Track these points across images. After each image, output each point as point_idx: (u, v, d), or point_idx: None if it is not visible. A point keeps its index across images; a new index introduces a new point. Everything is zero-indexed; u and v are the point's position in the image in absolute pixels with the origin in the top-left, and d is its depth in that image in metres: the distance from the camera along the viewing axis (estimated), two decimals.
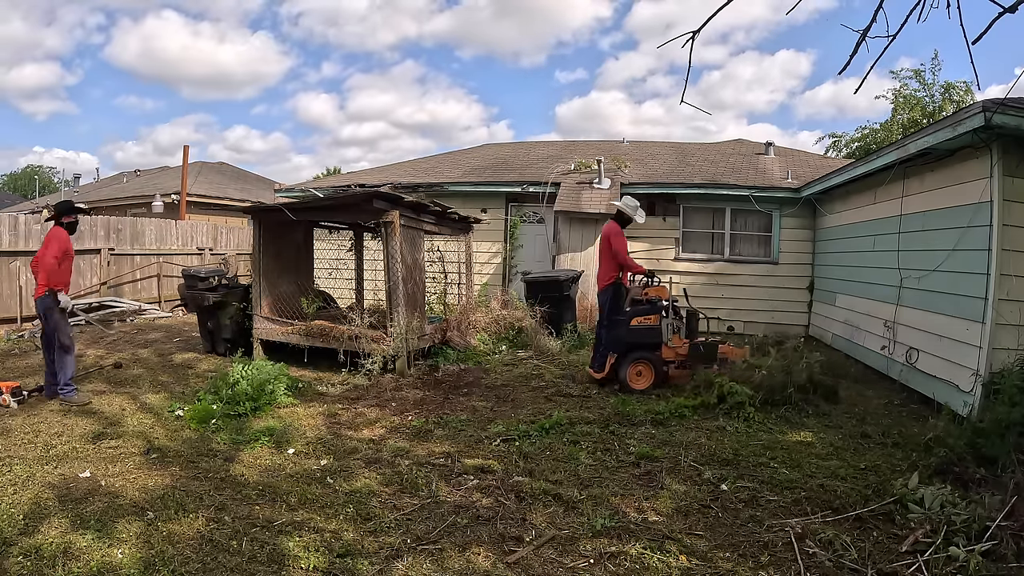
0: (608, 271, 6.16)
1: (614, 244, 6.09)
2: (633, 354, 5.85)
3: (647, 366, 5.88)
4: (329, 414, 5.10)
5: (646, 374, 5.89)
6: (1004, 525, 2.87)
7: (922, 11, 1.99)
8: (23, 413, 4.80)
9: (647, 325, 5.84)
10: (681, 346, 5.89)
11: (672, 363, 5.95)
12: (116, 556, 2.73)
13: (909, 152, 5.81)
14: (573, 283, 8.90)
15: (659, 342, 5.86)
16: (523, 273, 9.92)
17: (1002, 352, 4.61)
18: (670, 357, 5.91)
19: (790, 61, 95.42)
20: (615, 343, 5.91)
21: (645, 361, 5.87)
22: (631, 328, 5.85)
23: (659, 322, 5.83)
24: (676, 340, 5.89)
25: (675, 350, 5.89)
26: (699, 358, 5.91)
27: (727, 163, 12.25)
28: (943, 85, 18.24)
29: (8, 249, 9.01)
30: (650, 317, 5.85)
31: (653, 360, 5.87)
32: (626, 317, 5.91)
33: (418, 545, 2.93)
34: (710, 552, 2.90)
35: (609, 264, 6.15)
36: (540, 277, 8.97)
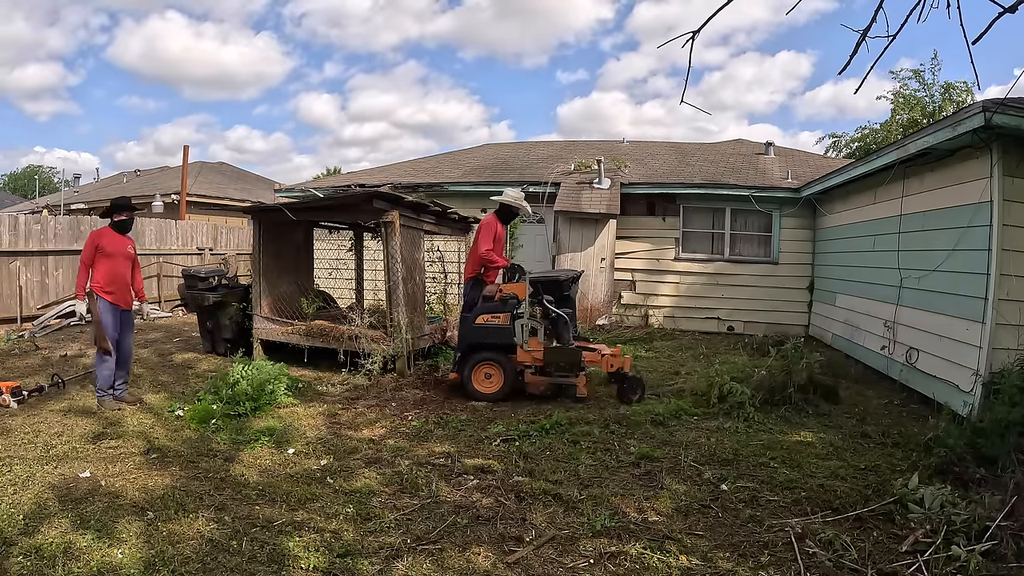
0: (472, 264, 6.00)
1: (478, 237, 5.91)
2: (479, 355, 5.49)
3: (496, 369, 5.49)
4: (329, 414, 5.10)
5: (496, 378, 5.50)
6: (1004, 525, 2.87)
7: (922, 11, 1.99)
8: (23, 413, 4.79)
9: (496, 324, 5.42)
10: (537, 350, 5.43)
11: (528, 368, 5.49)
12: (116, 556, 2.73)
13: (909, 152, 5.81)
14: (573, 283, 8.89)
15: (510, 343, 5.42)
16: None
17: (1002, 352, 4.61)
18: (526, 361, 5.46)
19: (790, 62, 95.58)
20: (460, 341, 5.63)
21: (493, 363, 5.48)
22: (475, 326, 5.49)
23: (509, 322, 5.40)
24: (534, 343, 5.44)
25: (531, 354, 5.43)
26: (559, 364, 5.43)
27: (727, 163, 12.25)
28: (943, 85, 18.25)
29: (8, 249, 9.00)
30: (499, 316, 5.43)
31: (503, 363, 5.45)
32: (473, 314, 5.59)
33: (418, 545, 2.93)
34: (710, 552, 2.90)
35: (474, 257, 5.98)
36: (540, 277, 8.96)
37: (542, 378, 5.48)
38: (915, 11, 2.00)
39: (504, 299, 5.50)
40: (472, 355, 5.51)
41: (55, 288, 9.71)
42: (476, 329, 5.48)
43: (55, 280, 9.72)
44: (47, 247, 9.59)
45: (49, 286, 9.62)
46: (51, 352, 7.29)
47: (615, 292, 10.70)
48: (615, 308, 10.71)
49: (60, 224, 9.97)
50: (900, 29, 2.01)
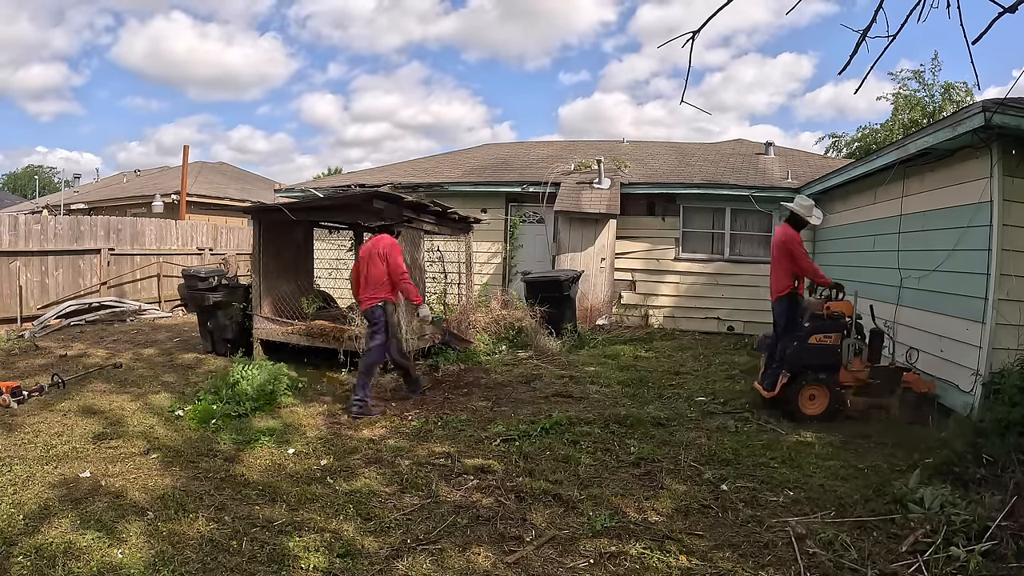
0: (783, 279, 5.52)
1: (794, 252, 5.45)
2: (807, 376, 5.18)
3: (821, 390, 5.19)
4: (329, 414, 5.10)
5: (820, 399, 5.18)
6: (1004, 525, 2.87)
7: (922, 11, 2.00)
8: (23, 413, 4.80)
9: (826, 344, 5.17)
10: (861, 370, 5.19)
11: (850, 388, 5.24)
12: (116, 556, 2.73)
13: (909, 152, 5.81)
14: (573, 283, 8.90)
15: (837, 364, 5.18)
16: (523, 273, 9.91)
17: (1002, 352, 4.61)
18: (848, 382, 5.21)
19: (791, 64, 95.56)
20: (789, 361, 5.22)
21: (819, 384, 5.19)
22: (808, 347, 5.18)
23: (839, 341, 5.17)
24: (856, 363, 5.18)
25: (854, 374, 5.19)
26: (879, 386, 5.22)
27: (727, 163, 12.25)
28: (943, 85, 18.25)
29: (8, 249, 9.00)
30: (830, 335, 5.18)
31: (829, 384, 5.17)
32: (804, 333, 5.26)
33: (418, 545, 2.93)
34: (710, 552, 2.90)
35: (784, 272, 5.51)
36: (540, 277, 8.97)
37: (864, 399, 5.23)
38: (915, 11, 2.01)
39: (833, 317, 5.26)
40: (801, 376, 5.18)
41: (55, 288, 9.70)
42: (809, 350, 5.17)
43: (55, 280, 9.72)
44: (47, 247, 9.58)
45: (49, 286, 9.62)
46: (51, 352, 7.29)
47: (615, 292, 10.70)
48: (615, 308, 10.71)
49: (60, 224, 9.97)
50: (900, 29, 2.02)
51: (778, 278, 5.55)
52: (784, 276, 5.52)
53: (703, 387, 6.27)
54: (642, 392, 6.00)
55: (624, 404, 5.57)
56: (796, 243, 5.50)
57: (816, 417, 5.08)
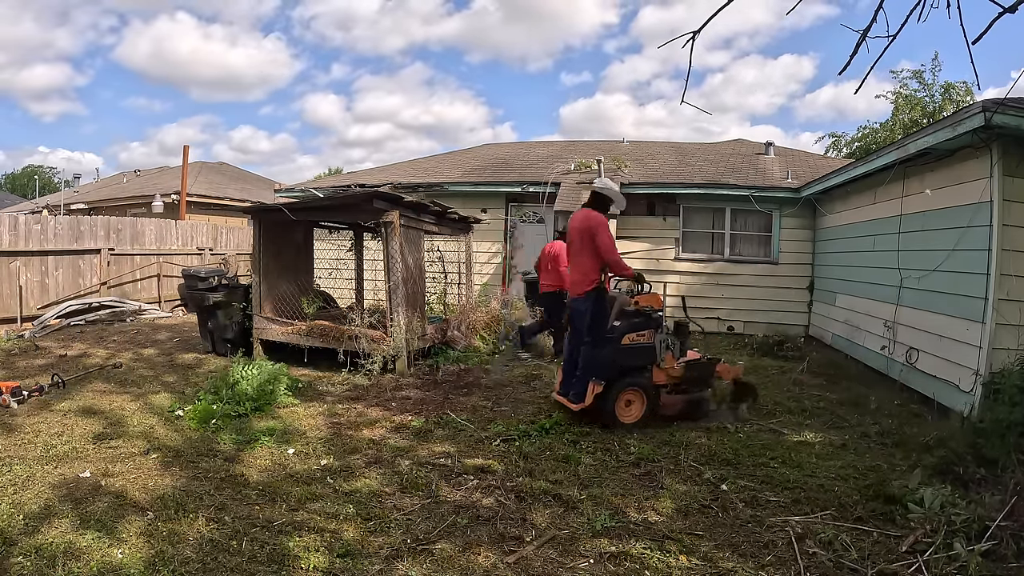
0: (588, 272, 4.83)
1: (600, 238, 4.75)
2: (623, 380, 4.70)
3: (638, 394, 4.76)
4: (329, 414, 5.10)
5: (636, 404, 4.78)
6: (1004, 525, 2.87)
7: (922, 11, 2.00)
8: (23, 413, 4.80)
9: (640, 344, 4.72)
10: (674, 367, 4.82)
11: (664, 388, 4.86)
12: (116, 556, 2.73)
13: (909, 152, 5.81)
14: None
15: (651, 364, 4.80)
16: (523, 273, 9.90)
17: (1002, 352, 4.61)
18: (662, 381, 4.83)
19: (791, 65, 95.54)
20: (602, 367, 4.64)
21: (635, 389, 4.75)
22: (622, 348, 4.67)
23: (653, 339, 4.76)
24: (669, 360, 4.83)
25: (667, 372, 4.80)
26: (694, 381, 4.88)
27: (727, 163, 12.25)
28: (943, 85, 18.27)
29: (8, 249, 9.00)
30: (643, 333, 4.73)
31: (644, 386, 4.75)
32: (616, 335, 4.69)
33: (418, 545, 2.93)
34: (710, 552, 2.90)
35: (589, 263, 4.83)
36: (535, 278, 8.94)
37: (679, 398, 4.89)
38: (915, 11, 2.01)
39: (645, 312, 4.79)
40: (618, 382, 4.68)
41: (55, 288, 9.71)
42: (623, 351, 4.67)
43: (55, 280, 9.72)
44: (47, 247, 9.59)
45: (49, 286, 9.62)
46: (51, 352, 7.29)
47: None
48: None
49: (60, 224, 9.97)
50: (900, 29, 2.02)
51: (583, 271, 4.83)
52: (590, 268, 4.80)
53: None
54: None
55: None
56: (603, 228, 4.79)
57: (633, 425, 4.68)
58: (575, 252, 4.92)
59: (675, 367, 4.83)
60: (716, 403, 5.13)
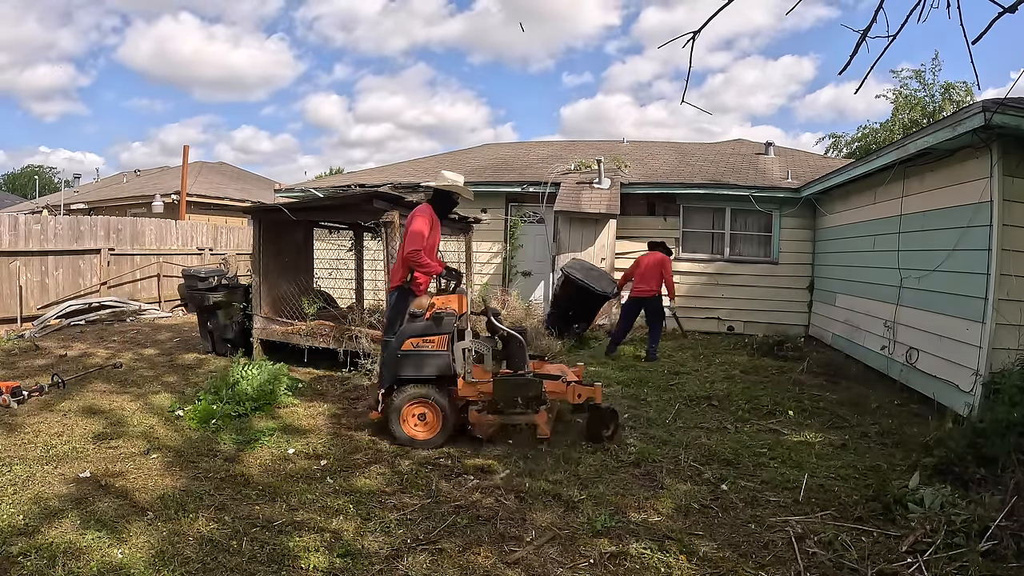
0: (398, 268, 4.69)
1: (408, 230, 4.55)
2: (408, 391, 4.27)
3: (432, 408, 4.26)
4: (330, 414, 5.10)
5: (431, 418, 4.27)
6: (1004, 525, 2.87)
7: (922, 11, 2.00)
8: (23, 413, 4.80)
9: (425, 351, 4.24)
10: (485, 381, 4.26)
11: (474, 404, 4.31)
12: (117, 556, 2.73)
13: (909, 152, 5.81)
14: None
15: (446, 375, 4.26)
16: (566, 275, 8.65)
17: (1002, 352, 4.61)
18: (470, 396, 4.28)
19: (792, 66, 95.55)
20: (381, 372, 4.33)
21: (426, 401, 4.26)
22: (401, 355, 4.25)
23: (448, 346, 4.24)
24: (478, 373, 4.33)
25: (476, 386, 4.26)
26: (512, 399, 4.17)
27: (727, 163, 12.25)
28: (943, 85, 18.25)
29: (8, 249, 9.01)
30: (431, 339, 4.23)
31: (439, 400, 4.24)
32: (397, 339, 4.32)
33: (418, 545, 2.93)
34: (711, 552, 2.90)
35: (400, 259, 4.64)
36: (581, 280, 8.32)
37: (493, 417, 4.27)
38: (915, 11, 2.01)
39: (437, 316, 4.29)
40: (401, 391, 4.29)
41: (55, 288, 9.71)
42: (405, 358, 4.25)
43: (55, 280, 9.72)
44: (47, 247, 9.59)
45: (49, 286, 9.63)
46: (51, 352, 7.29)
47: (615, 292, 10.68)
48: (615, 308, 10.70)
49: (60, 224, 9.97)
50: (900, 29, 2.02)
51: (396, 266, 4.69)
52: (400, 264, 4.61)
53: (703, 387, 6.26)
54: (642, 392, 6.00)
55: (624, 404, 5.57)
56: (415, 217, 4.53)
57: (428, 442, 4.22)
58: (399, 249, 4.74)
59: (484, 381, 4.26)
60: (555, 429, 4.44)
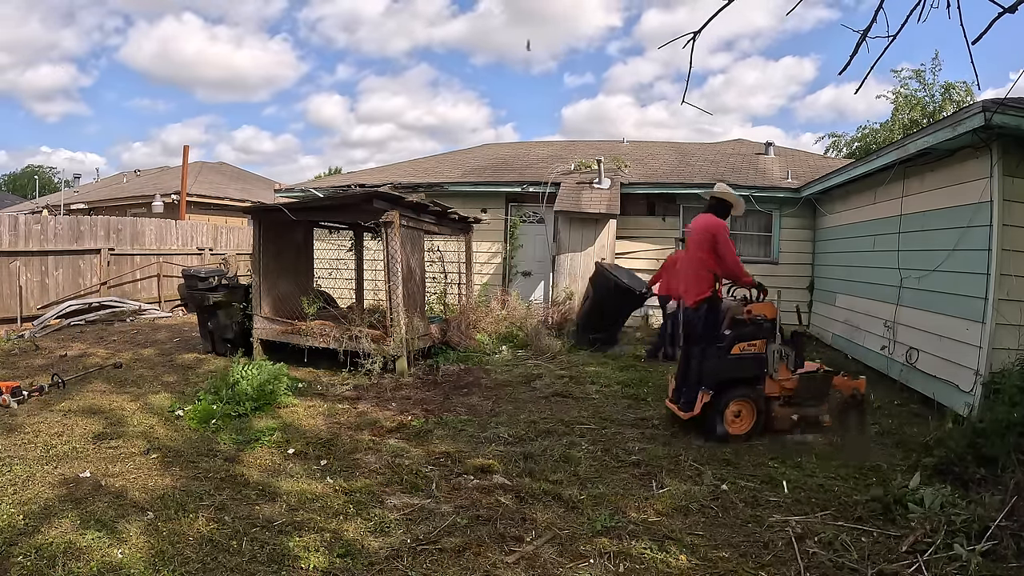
0: (701, 280, 4.74)
1: (720, 246, 4.66)
2: (732, 391, 4.60)
3: (748, 405, 4.64)
4: (329, 414, 5.10)
5: (746, 415, 4.64)
6: (1004, 525, 2.87)
7: (922, 11, 2.00)
8: (23, 413, 4.80)
9: (751, 353, 4.61)
10: (788, 379, 4.66)
11: (777, 400, 4.70)
12: (117, 556, 2.73)
13: (909, 152, 5.81)
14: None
15: (763, 375, 4.65)
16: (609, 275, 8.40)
17: (1002, 352, 4.62)
18: (774, 392, 4.66)
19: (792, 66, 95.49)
20: (710, 376, 4.59)
21: (745, 400, 4.64)
22: (731, 358, 4.58)
23: (765, 349, 4.63)
24: (783, 371, 4.67)
25: (781, 384, 4.65)
26: (809, 394, 4.69)
27: (727, 163, 12.25)
28: (943, 85, 18.26)
29: (8, 249, 9.01)
30: (755, 343, 4.61)
31: (755, 397, 4.63)
32: (726, 343, 4.62)
33: (418, 545, 2.93)
34: (710, 552, 2.90)
35: (705, 270, 4.73)
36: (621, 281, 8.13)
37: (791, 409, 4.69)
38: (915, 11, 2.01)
39: (756, 321, 4.69)
40: (727, 392, 4.57)
41: (55, 288, 9.71)
42: (732, 361, 4.57)
43: (55, 280, 9.72)
44: (47, 247, 9.59)
45: (49, 286, 9.63)
46: (51, 352, 7.29)
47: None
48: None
49: (60, 224, 9.97)
50: (900, 29, 2.02)
51: (697, 278, 4.75)
52: (705, 276, 4.73)
53: None
54: (642, 392, 6.00)
55: (624, 404, 5.57)
56: (724, 234, 4.72)
57: (743, 436, 4.55)
58: (692, 259, 4.80)
59: (788, 379, 4.67)
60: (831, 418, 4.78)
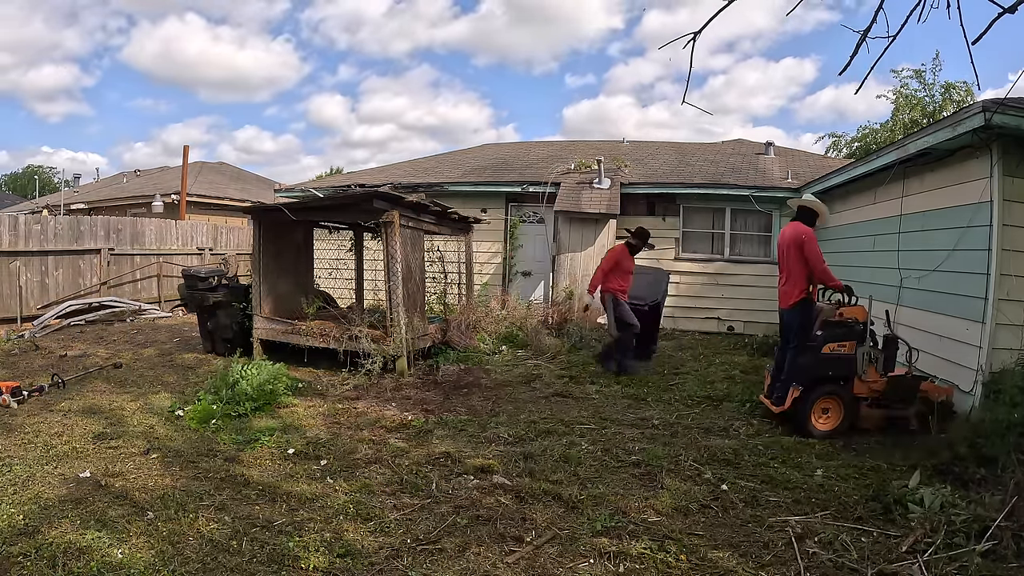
0: (797, 283, 5.01)
1: (808, 251, 4.95)
2: (821, 388, 4.79)
3: (836, 403, 4.82)
4: (329, 414, 5.10)
5: (833, 413, 4.83)
6: (1004, 525, 2.87)
7: (922, 11, 2.00)
8: (23, 413, 4.80)
9: (840, 353, 4.81)
10: (876, 380, 4.84)
11: (864, 400, 4.89)
12: (116, 556, 2.73)
13: (909, 152, 5.81)
14: None
15: (852, 375, 4.84)
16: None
17: (1002, 352, 4.61)
18: (862, 393, 4.86)
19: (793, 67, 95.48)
20: (800, 373, 4.82)
21: (833, 397, 4.82)
22: (822, 357, 4.80)
23: (854, 350, 4.83)
24: (872, 373, 4.85)
25: (869, 385, 4.84)
26: (896, 396, 4.85)
27: (727, 163, 12.25)
28: (943, 85, 18.24)
29: (8, 249, 9.01)
30: (845, 344, 4.82)
31: (843, 396, 4.81)
32: (817, 343, 4.85)
33: (418, 545, 2.93)
34: (710, 552, 2.90)
35: (799, 275, 5.00)
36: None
37: (879, 411, 4.90)
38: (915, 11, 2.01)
39: (847, 323, 4.91)
40: (815, 389, 4.78)
41: (55, 288, 9.71)
42: (823, 360, 4.80)
43: (55, 280, 9.72)
44: (47, 247, 9.59)
45: (49, 286, 9.63)
46: (51, 352, 7.29)
47: None
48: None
49: (60, 224, 9.97)
50: (900, 29, 2.02)
51: (793, 282, 5.05)
52: (799, 280, 5.02)
53: (703, 387, 6.26)
54: (642, 392, 6.00)
55: (624, 404, 5.57)
56: (813, 242, 5.01)
57: (830, 432, 4.73)
58: (787, 264, 5.10)
59: (876, 380, 4.84)
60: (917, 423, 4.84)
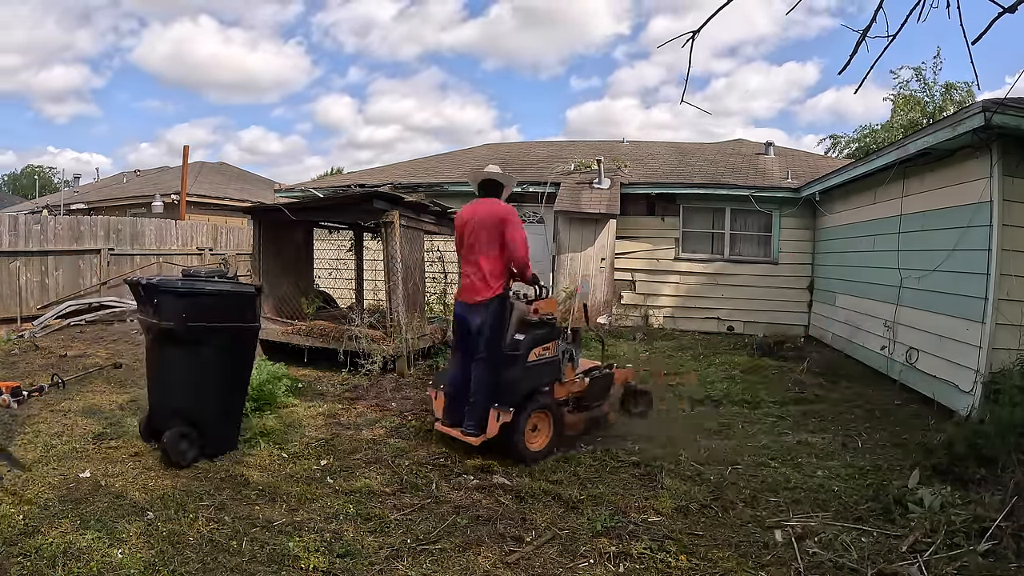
0: (493, 274, 3.96)
1: (513, 234, 3.93)
2: (531, 404, 3.90)
3: (545, 416, 3.98)
4: (329, 414, 5.10)
5: (542, 428, 3.99)
6: (1004, 525, 2.87)
7: (922, 11, 2.00)
8: (23, 413, 4.79)
9: (547, 358, 3.96)
10: (575, 381, 4.14)
11: (566, 404, 4.18)
12: (116, 556, 2.73)
13: (909, 152, 5.81)
14: None
15: (555, 380, 4.10)
16: None
17: (1002, 352, 4.62)
18: (562, 396, 4.15)
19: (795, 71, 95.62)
20: (506, 391, 3.84)
21: (543, 410, 3.97)
22: (529, 366, 3.88)
23: (557, 352, 4.05)
24: (568, 372, 4.15)
25: (568, 387, 4.11)
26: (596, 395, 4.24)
27: (727, 163, 12.25)
28: (943, 85, 18.26)
29: (8, 249, 9.00)
30: (548, 346, 3.98)
31: (550, 407, 4.00)
32: (521, 350, 3.88)
33: (418, 545, 2.93)
34: (710, 552, 2.90)
35: (496, 263, 3.97)
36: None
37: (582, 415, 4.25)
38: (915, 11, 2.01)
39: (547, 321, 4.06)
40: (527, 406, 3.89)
41: (55, 288, 9.70)
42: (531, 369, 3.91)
43: (55, 280, 9.72)
44: (47, 247, 9.58)
45: (49, 286, 9.62)
46: (51, 352, 7.29)
47: (615, 292, 10.70)
48: (615, 308, 10.71)
49: (60, 224, 9.97)
50: (900, 29, 2.02)
51: (490, 270, 3.94)
52: (495, 269, 3.93)
53: (703, 387, 6.26)
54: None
55: None
56: (518, 222, 4.00)
57: (543, 452, 3.94)
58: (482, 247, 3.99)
59: (577, 381, 4.14)
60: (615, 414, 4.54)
